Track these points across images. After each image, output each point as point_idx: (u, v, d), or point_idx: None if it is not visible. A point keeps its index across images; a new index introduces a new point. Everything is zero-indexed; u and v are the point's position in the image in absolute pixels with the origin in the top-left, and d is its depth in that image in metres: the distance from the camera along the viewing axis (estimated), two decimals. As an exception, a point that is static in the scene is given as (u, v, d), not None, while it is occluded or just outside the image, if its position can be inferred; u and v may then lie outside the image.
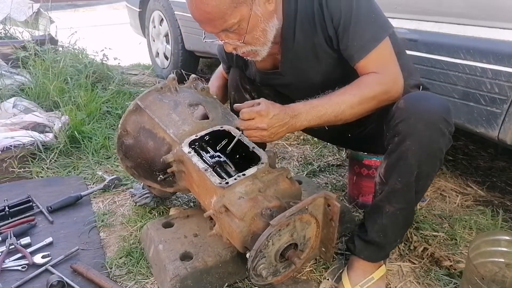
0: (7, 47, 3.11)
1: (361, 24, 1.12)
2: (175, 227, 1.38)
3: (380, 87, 1.12)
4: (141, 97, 1.34)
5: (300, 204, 1.05)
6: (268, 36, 1.17)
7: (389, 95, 1.14)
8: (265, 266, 1.07)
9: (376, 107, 1.15)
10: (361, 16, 1.12)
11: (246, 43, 1.15)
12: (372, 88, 1.12)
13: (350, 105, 1.11)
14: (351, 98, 1.11)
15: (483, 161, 2.11)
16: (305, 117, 1.11)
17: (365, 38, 1.12)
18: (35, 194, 1.69)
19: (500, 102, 1.33)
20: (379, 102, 1.14)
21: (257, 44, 1.17)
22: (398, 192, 1.11)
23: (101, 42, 3.59)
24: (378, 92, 1.12)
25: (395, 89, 1.14)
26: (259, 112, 1.08)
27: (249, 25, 1.10)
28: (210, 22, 1.10)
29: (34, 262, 1.32)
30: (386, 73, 1.14)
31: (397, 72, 1.15)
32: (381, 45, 1.13)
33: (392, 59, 1.16)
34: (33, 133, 2.08)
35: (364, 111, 1.15)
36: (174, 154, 1.25)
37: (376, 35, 1.13)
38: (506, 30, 1.30)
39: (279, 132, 1.12)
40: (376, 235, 1.17)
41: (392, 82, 1.14)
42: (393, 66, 1.15)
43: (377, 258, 1.21)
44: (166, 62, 3.54)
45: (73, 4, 9.67)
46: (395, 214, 1.13)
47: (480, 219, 1.59)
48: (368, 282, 1.21)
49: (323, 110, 1.11)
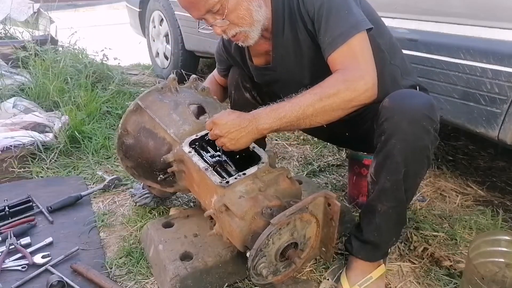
0: (7, 47, 3.11)
1: (332, 20, 1.11)
2: (175, 227, 1.38)
3: (343, 84, 1.07)
4: (141, 97, 1.34)
5: (300, 203, 1.05)
6: (254, 15, 1.17)
7: (356, 93, 1.07)
8: (266, 265, 1.07)
9: (345, 107, 1.09)
10: (333, 11, 1.11)
11: (231, 22, 1.17)
12: (332, 85, 1.07)
13: (310, 104, 1.07)
14: (311, 97, 1.07)
15: (483, 161, 2.11)
16: (265, 120, 1.09)
17: (334, 33, 1.10)
18: (35, 194, 1.69)
19: (500, 102, 1.33)
20: (345, 101, 1.07)
21: (244, 24, 1.18)
22: (388, 190, 1.12)
23: (101, 42, 3.59)
24: (340, 89, 1.06)
25: (361, 86, 1.07)
26: (213, 121, 1.14)
27: (230, 3, 1.13)
28: (194, 5, 1.14)
29: (34, 262, 1.32)
30: (352, 69, 1.09)
31: (366, 69, 1.09)
32: (351, 40, 1.09)
33: (363, 55, 1.10)
34: (33, 133, 2.08)
35: (330, 111, 1.08)
36: (174, 153, 1.25)
37: (346, 31, 1.09)
38: (506, 30, 1.30)
39: (240, 137, 1.11)
40: (371, 235, 1.18)
41: (358, 78, 1.07)
42: (362, 62, 1.09)
43: (374, 258, 1.22)
44: (166, 62, 3.54)
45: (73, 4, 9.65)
46: (387, 212, 1.14)
47: (480, 219, 1.59)
48: (366, 281, 1.21)
49: (283, 111, 1.08)
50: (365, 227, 1.19)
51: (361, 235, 1.20)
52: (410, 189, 1.13)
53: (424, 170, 1.13)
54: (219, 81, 1.66)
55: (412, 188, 1.15)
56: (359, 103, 1.09)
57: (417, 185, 1.16)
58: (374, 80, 1.09)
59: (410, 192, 1.14)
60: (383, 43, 1.25)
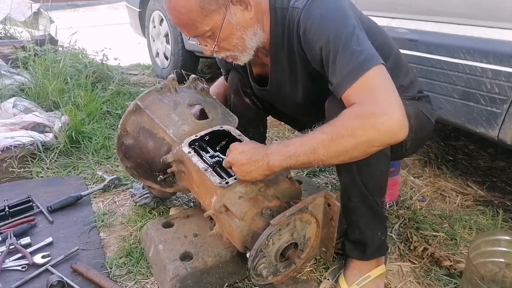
0: (7, 47, 3.11)
1: (341, 57, 0.99)
2: (175, 227, 1.38)
3: (357, 121, 0.92)
4: (141, 97, 1.34)
5: (300, 204, 1.05)
6: (247, 44, 1.14)
7: (376, 133, 0.91)
8: (265, 265, 1.08)
9: (364, 149, 0.95)
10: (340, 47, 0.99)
11: (222, 49, 1.15)
12: (345, 123, 0.93)
13: (321, 145, 0.96)
14: (322, 137, 0.96)
15: (483, 161, 2.11)
16: (275, 156, 1.02)
17: (345, 70, 0.98)
18: (35, 194, 1.69)
19: (500, 102, 1.33)
20: (362, 142, 0.93)
21: (235, 50, 1.16)
22: (348, 187, 1.15)
23: (101, 42, 3.59)
24: (355, 128, 0.92)
25: (383, 124, 0.90)
26: (230, 148, 1.13)
27: (222, 33, 1.09)
28: (184, 28, 1.12)
29: (34, 262, 1.32)
30: (370, 103, 0.93)
31: (388, 102, 0.92)
32: (367, 73, 0.96)
33: (384, 87, 0.96)
34: (33, 133, 2.08)
35: (345, 153, 0.95)
36: (174, 154, 1.25)
37: (359, 65, 0.97)
38: (506, 30, 1.30)
39: (251, 171, 1.06)
40: (354, 233, 1.22)
41: (378, 114, 0.91)
42: (383, 95, 0.94)
43: (366, 256, 1.23)
44: (166, 62, 3.54)
45: (73, 4, 9.66)
46: (358, 208, 1.16)
47: (480, 219, 1.59)
48: (364, 280, 1.22)
49: (293, 149, 1.00)
50: (348, 227, 1.23)
51: (348, 235, 1.24)
52: (369, 182, 1.12)
53: (378, 161, 1.09)
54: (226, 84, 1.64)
55: (372, 180, 1.12)
56: (382, 143, 0.95)
57: (379, 177, 1.13)
58: (399, 115, 0.91)
59: (371, 185, 1.13)
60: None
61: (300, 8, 1.07)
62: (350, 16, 1.04)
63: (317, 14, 1.03)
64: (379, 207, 1.18)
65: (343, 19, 1.02)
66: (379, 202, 1.18)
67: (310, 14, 1.05)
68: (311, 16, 1.04)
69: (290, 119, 1.65)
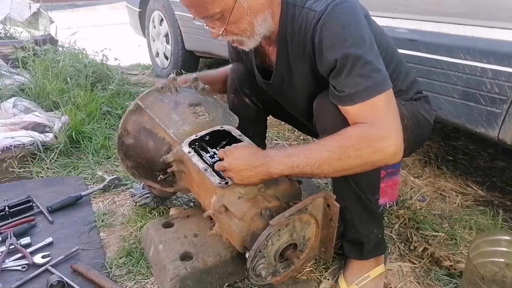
0: (7, 47, 3.11)
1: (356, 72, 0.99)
2: (175, 227, 1.38)
3: (365, 142, 0.97)
4: (141, 97, 1.34)
5: (299, 204, 1.05)
6: (255, 29, 1.11)
7: (382, 156, 0.98)
8: (265, 266, 1.07)
9: (367, 168, 1.01)
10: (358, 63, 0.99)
11: (230, 33, 1.13)
12: (355, 144, 0.97)
13: (327, 162, 0.99)
14: (329, 154, 0.99)
15: (483, 161, 2.11)
16: (276, 165, 1.04)
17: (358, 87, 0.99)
18: (35, 194, 1.69)
19: (500, 102, 1.33)
20: (368, 163, 0.99)
21: (243, 35, 1.13)
22: (341, 186, 1.15)
23: (101, 42, 3.59)
24: (363, 150, 0.97)
25: (388, 148, 0.97)
26: (226, 152, 1.11)
27: (233, 16, 1.07)
28: (193, 8, 1.09)
29: (34, 262, 1.32)
30: (376, 126, 0.98)
31: (392, 128, 0.98)
32: (378, 97, 0.99)
33: (390, 114, 1.00)
34: (33, 133, 2.08)
35: (349, 168, 1.00)
36: (174, 154, 1.25)
37: (372, 87, 0.99)
38: (506, 30, 1.30)
39: (249, 176, 1.07)
40: (351, 232, 1.22)
41: (384, 138, 0.97)
42: (388, 121, 0.99)
43: (364, 255, 1.23)
44: (166, 62, 3.54)
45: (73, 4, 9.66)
46: (351, 207, 1.17)
47: (480, 219, 1.59)
48: (364, 280, 1.22)
49: (297, 161, 1.02)
50: (345, 226, 1.23)
51: (345, 235, 1.25)
52: (361, 181, 1.13)
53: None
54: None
55: (364, 179, 1.13)
56: (384, 164, 1.02)
57: (371, 176, 1.13)
58: (400, 141, 0.99)
59: (363, 183, 1.13)
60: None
61: (318, 12, 1.03)
62: (367, 29, 1.04)
63: (337, 25, 1.01)
64: (373, 205, 1.18)
65: (361, 34, 1.02)
66: (373, 200, 1.18)
67: (329, 23, 1.02)
68: (331, 25, 1.01)
69: (290, 119, 1.63)
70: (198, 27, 2.90)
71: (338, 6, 1.02)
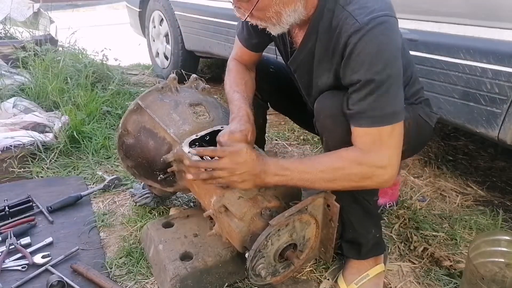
0: (7, 47, 3.11)
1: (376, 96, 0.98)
2: (175, 227, 1.38)
3: (358, 168, 1.00)
4: (142, 97, 1.34)
5: (299, 204, 1.05)
6: (283, 19, 1.06)
7: (373, 182, 1.02)
8: (264, 266, 1.07)
9: (358, 187, 1.05)
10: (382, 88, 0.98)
11: (255, 17, 1.08)
12: (346, 165, 1.01)
13: (319, 180, 1.03)
14: (321, 175, 1.02)
15: (483, 161, 2.11)
16: (271, 176, 1.06)
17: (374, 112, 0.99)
18: (35, 194, 1.69)
19: (500, 102, 1.33)
20: (358, 186, 1.04)
21: (268, 22, 1.09)
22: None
23: (101, 42, 3.59)
24: (354, 172, 1.01)
25: (381, 176, 1.01)
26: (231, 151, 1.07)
27: (261, 3, 1.02)
28: None
29: (34, 262, 1.32)
30: (376, 154, 1.00)
31: (391, 160, 1.00)
32: (388, 127, 0.99)
33: (394, 146, 1.01)
34: (33, 133, 2.08)
35: (341, 188, 1.05)
36: (174, 153, 1.25)
37: (385, 116, 0.99)
38: (506, 30, 1.30)
39: (248, 180, 1.06)
40: (349, 232, 1.22)
41: (380, 166, 1.00)
42: (389, 152, 1.00)
43: (363, 255, 1.23)
44: (166, 62, 3.54)
45: (73, 4, 9.66)
46: (349, 207, 1.16)
47: (480, 219, 1.59)
48: (363, 279, 1.22)
49: (291, 175, 1.04)
50: (343, 226, 1.23)
51: (343, 235, 1.25)
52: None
53: None
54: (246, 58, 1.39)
55: None
56: (371, 188, 1.07)
57: None
58: (394, 173, 1.02)
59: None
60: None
61: (359, 24, 0.97)
62: (399, 57, 1.01)
63: (374, 46, 0.97)
64: (371, 206, 1.18)
65: (392, 63, 0.99)
66: (371, 201, 1.18)
67: (366, 41, 0.97)
68: (367, 44, 0.97)
69: (290, 111, 1.61)
70: (198, 27, 2.90)
71: (381, 25, 0.97)
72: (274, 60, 1.55)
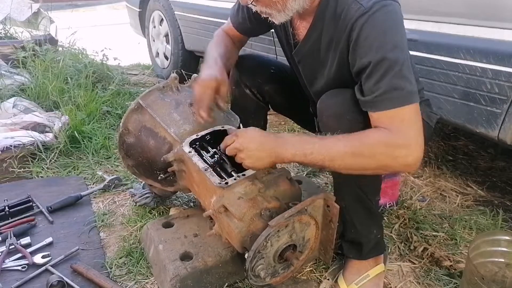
0: (7, 47, 3.11)
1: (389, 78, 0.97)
2: (175, 227, 1.38)
3: (385, 148, 0.96)
4: (142, 96, 1.34)
5: (299, 205, 1.05)
6: (288, 5, 1.06)
7: (395, 162, 0.97)
8: (264, 266, 1.07)
9: (377, 171, 1.02)
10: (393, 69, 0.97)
11: (260, 2, 1.08)
12: (373, 146, 0.97)
13: (341, 155, 0.98)
14: (344, 149, 0.98)
15: (483, 161, 2.11)
16: (290, 150, 1.02)
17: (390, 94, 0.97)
18: (35, 194, 1.69)
19: (500, 102, 1.33)
20: (379, 166, 0.99)
21: (273, 8, 1.09)
22: (343, 186, 1.15)
23: (101, 42, 3.59)
24: (380, 152, 0.96)
25: (404, 157, 0.96)
26: (237, 134, 1.09)
27: None
28: None
29: (34, 262, 1.32)
30: (399, 134, 0.96)
31: (415, 139, 0.97)
32: (406, 108, 0.98)
33: (415, 125, 0.99)
34: (33, 133, 2.08)
35: (361, 168, 1.00)
36: (174, 153, 1.25)
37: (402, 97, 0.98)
38: (506, 30, 1.30)
39: (260, 158, 1.05)
40: (350, 232, 1.22)
41: (403, 146, 0.96)
42: (412, 132, 0.97)
43: (363, 255, 1.23)
44: (166, 62, 3.54)
45: (73, 4, 9.66)
46: (352, 207, 1.16)
47: (480, 219, 1.59)
48: (363, 279, 1.22)
49: (310, 149, 1.00)
50: (344, 226, 1.22)
51: (345, 235, 1.24)
52: (363, 182, 1.13)
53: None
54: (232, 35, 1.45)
55: (367, 180, 1.13)
56: (395, 171, 1.03)
57: (373, 177, 1.14)
58: (419, 154, 0.97)
59: (365, 185, 1.13)
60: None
61: (363, 7, 0.99)
62: (405, 39, 1.02)
63: (380, 28, 0.98)
64: (373, 205, 1.18)
65: (400, 43, 0.99)
66: (374, 201, 1.18)
67: (372, 23, 0.98)
68: (373, 26, 0.98)
69: (290, 112, 1.61)
70: (198, 27, 2.90)
71: (385, 8, 0.98)
72: (275, 61, 1.56)
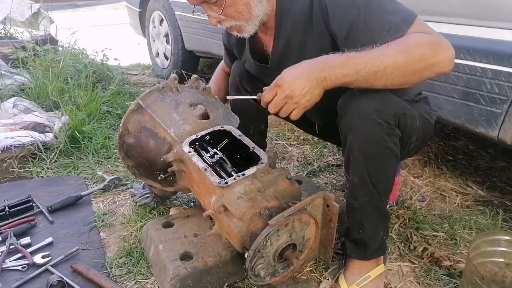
0: (7, 47, 3.11)
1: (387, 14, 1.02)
2: (175, 227, 1.38)
3: (429, 46, 0.97)
4: (142, 97, 1.34)
5: (298, 205, 1.05)
6: (252, 11, 1.14)
7: (439, 57, 0.97)
8: (263, 266, 1.07)
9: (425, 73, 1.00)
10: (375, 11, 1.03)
11: (227, 16, 1.14)
12: (419, 45, 0.97)
13: (393, 62, 0.96)
14: (395, 55, 0.96)
15: (483, 161, 2.11)
16: (340, 70, 0.98)
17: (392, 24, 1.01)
18: (35, 194, 1.69)
19: (500, 102, 1.33)
20: (429, 65, 0.97)
21: (240, 19, 1.15)
22: (357, 186, 1.13)
23: (101, 42, 3.59)
24: (426, 51, 0.97)
25: (446, 52, 0.98)
26: (276, 83, 1.05)
27: None
28: None
29: (34, 262, 1.32)
30: (434, 34, 1.00)
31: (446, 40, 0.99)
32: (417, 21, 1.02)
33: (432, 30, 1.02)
34: (33, 133, 2.08)
35: (410, 75, 0.99)
36: (174, 153, 1.25)
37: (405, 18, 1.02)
38: (506, 30, 1.30)
39: (312, 90, 1.01)
40: (357, 232, 1.20)
41: (443, 42, 0.98)
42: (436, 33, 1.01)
43: (367, 256, 1.22)
44: (166, 62, 3.54)
45: (73, 4, 9.67)
46: (364, 207, 1.15)
47: (480, 219, 1.59)
48: (364, 280, 1.21)
49: (363, 62, 0.96)
50: (351, 225, 1.22)
51: (350, 235, 1.23)
52: (379, 182, 1.12)
53: (389, 162, 1.10)
54: (227, 71, 1.62)
55: (382, 181, 1.13)
56: (440, 70, 1.01)
57: (387, 178, 1.14)
58: (453, 51, 1.00)
59: (381, 185, 1.13)
60: None
61: None
62: None
63: None
64: (384, 206, 1.18)
65: None
66: (385, 202, 1.18)
67: None
68: None
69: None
70: (198, 27, 2.90)
71: None
72: None
